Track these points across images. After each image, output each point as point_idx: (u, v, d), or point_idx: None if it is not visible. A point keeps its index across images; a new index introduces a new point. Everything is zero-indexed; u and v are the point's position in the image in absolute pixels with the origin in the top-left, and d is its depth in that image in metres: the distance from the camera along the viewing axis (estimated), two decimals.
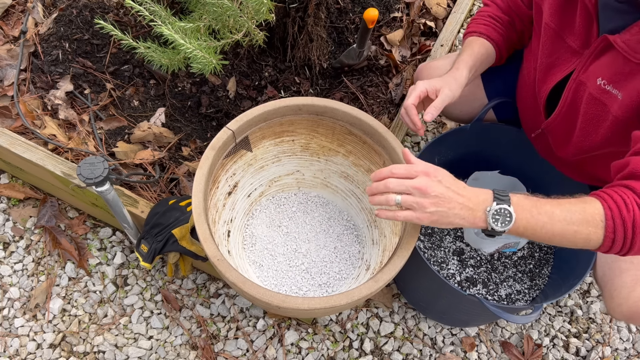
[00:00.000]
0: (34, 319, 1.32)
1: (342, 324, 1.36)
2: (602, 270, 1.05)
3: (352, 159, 1.23)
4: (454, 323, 1.35)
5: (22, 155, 1.29)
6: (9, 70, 1.48)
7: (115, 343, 1.30)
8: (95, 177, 0.97)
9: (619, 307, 0.99)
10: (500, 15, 1.15)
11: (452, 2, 1.84)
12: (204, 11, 1.20)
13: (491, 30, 1.14)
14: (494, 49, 1.14)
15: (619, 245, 0.77)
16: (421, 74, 1.34)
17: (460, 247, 1.31)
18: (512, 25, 1.15)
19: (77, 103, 1.46)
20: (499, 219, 0.77)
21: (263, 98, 1.47)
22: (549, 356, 1.38)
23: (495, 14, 1.15)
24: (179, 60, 1.23)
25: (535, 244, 1.34)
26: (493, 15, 1.15)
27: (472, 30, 1.16)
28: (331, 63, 1.55)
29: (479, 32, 1.14)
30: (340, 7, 1.64)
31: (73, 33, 1.51)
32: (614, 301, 1.00)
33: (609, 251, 0.80)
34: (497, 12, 1.15)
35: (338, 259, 1.24)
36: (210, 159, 1.02)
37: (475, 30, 1.15)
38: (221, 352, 1.30)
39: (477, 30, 1.15)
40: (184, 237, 1.17)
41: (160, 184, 1.34)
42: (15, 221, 1.45)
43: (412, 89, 1.02)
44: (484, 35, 1.13)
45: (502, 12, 1.15)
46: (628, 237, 0.76)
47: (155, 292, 1.37)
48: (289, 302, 0.86)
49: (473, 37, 1.15)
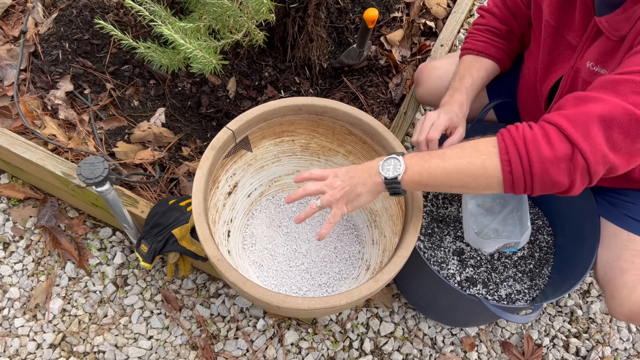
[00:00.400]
0: (34, 319, 1.32)
1: (342, 324, 1.36)
2: (603, 270, 1.05)
3: (352, 159, 1.23)
4: (454, 323, 1.35)
5: (22, 155, 1.29)
6: (9, 70, 1.48)
7: (115, 343, 1.30)
8: (95, 177, 0.97)
9: (620, 308, 0.98)
10: (497, 26, 1.14)
11: (452, 2, 1.84)
12: (204, 11, 1.20)
13: (490, 47, 1.14)
14: (495, 64, 1.14)
15: (518, 169, 0.74)
16: (421, 74, 1.35)
17: (460, 247, 1.31)
18: (511, 34, 1.14)
19: (77, 103, 1.46)
20: (389, 168, 0.84)
21: (263, 98, 1.47)
22: (549, 356, 1.38)
23: (492, 26, 1.14)
24: (179, 60, 1.23)
25: (535, 243, 1.34)
26: (490, 28, 1.15)
27: (470, 47, 1.16)
28: (331, 63, 1.55)
29: (477, 51, 1.14)
30: (340, 7, 1.64)
31: (73, 33, 1.51)
32: (615, 301, 1.00)
33: (514, 184, 0.76)
34: (494, 23, 1.15)
35: (338, 259, 1.24)
36: (210, 159, 1.01)
37: (474, 48, 1.15)
38: (221, 352, 1.30)
39: (476, 49, 1.14)
40: (184, 237, 1.17)
41: (160, 184, 1.34)
42: (15, 221, 1.45)
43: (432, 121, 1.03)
44: (482, 54, 1.13)
45: (499, 21, 1.14)
46: (523, 155, 0.73)
47: (155, 292, 1.37)
48: (289, 302, 0.86)
49: (471, 57, 1.14)
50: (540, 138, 0.73)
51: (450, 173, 0.79)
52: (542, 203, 1.39)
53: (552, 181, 0.74)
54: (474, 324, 1.34)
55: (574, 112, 0.73)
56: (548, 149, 0.72)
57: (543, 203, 1.39)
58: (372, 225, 1.25)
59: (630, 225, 1.04)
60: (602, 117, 0.71)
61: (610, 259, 1.04)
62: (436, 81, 1.29)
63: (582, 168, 0.72)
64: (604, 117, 0.71)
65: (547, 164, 0.72)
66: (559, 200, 1.30)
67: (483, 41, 1.14)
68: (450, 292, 1.12)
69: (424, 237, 1.31)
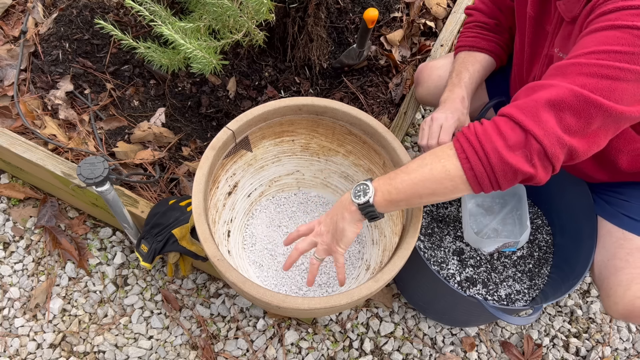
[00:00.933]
0: (34, 319, 1.32)
1: (342, 324, 1.36)
2: (599, 269, 1.05)
3: (352, 159, 1.23)
4: (454, 323, 1.36)
5: (22, 155, 1.29)
6: (9, 70, 1.48)
7: (116, 343, 1.30)
8: (95, 177, 0.97)
9: (615, 306, 0.99)
10: (485, 20, 1.15)
11: (452, 2, 1.84)
12: (204, 11, 1.20)
13: (480, 40, 1.15)
14: (490, 57, 1.15)
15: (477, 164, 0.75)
16: (422, 73, 1.35)
17: (460, 247, 1.31)
18: (499, 26, 1.16)
19: (77, 103, 1.46)
20: (359, 195, 0.86)
21: (263, 98, 1.47)
22: (549, 356, 1.38)
23: (480, 21, 1.16)
24: (179, 60, 1.23)
25: (534, 243, 1.34)
26: (479, 24, 1.16)
27: (462, 44, 1.17)
28: (331, 63, 1.55)
29: (469, 46, 1.15)
30: (340, 7, 1.64)
31: (73, 33, 1.51)
32: (610, 300, 1.00)
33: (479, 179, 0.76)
34: (482, 18, 1.16)
35: None
36: (210, 159, 1.02)
37: (465, 44, 1.16)
38: (221, 352, 1.30)
39: (467, 44, 1.16)
40: (184, 237, 1.17)
41: (160, 184, 1.34)
42: (15, 221, 1.45)
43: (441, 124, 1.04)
44: (475, 48, 1.15)
45: (487, 16, 1.16)
46: (478, 149, 0.75)
47: (155, 292, 1.37)
48: (289, 302, 0.86)
49: (464, 53, 1.16)
50: (491, 130, 0.75)
51: (417, 184, 0.81)
52: (541, 202, 1.39)
53: (513, 170, 0.74)
54: (473, 324, 1.35)
55: (524, 101, 0.75)
56: (500, 139, 0.74)
57: (542, 202, 1.39)
58: (372, 225, 1.25)
59: (625, 224, 1.04)
60: (550, 101, 0.72)
61: (605, 258, 1.04)
62: (437, 81, 1.29)
63: (538, 152, 0.73)
64: (552, 101, 0.72)
65: (502, 152, 0.74)
66: (559, 200, 1.30)
67: (473, 36, 1.16)
68: (450, 293, 1.12)
69: (424, 237, 1.31)
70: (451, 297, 1.15)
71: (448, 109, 1.07)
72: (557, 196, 1.30)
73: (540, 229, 1.37)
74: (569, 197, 1.25)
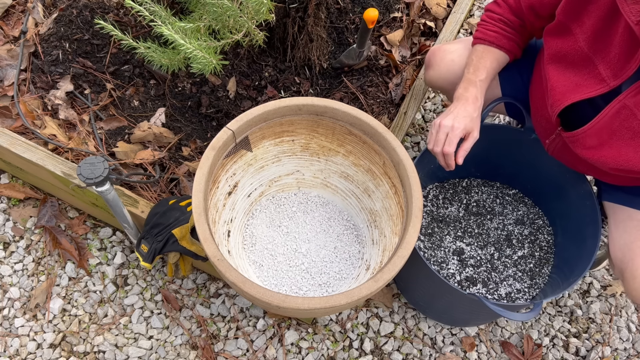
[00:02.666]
0: (34, 318, 1.33)
1: (342, 324, 1.36)
2: (622, 252, 1.04)
3: (352, 159, 1.23)
4: (454, 323, 1.36)
5: (22, 155, 1.29)
6: (9, 70, 1.48)
7: (116, 343, 1.30)
8: (96, 177, 0.97)
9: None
10: (511, 18, 1.12)
11: (452, 2, 1.84)
12: (204, 11, 1.20)
13: (502, 38, 1.12)
14: (506, 55, 1.13)
15: None
16: (434, 56, 1.30)
17: (460, 247, 1.31)
18: (523, 27, 1.12)
19: (77, 103, 1.46)
20: None
21: (263, 98, 1.47)
22: (548, 356, 1.38)
23: (505, 17, 1.12)
24: (179, 60, 1.23)
25: (535, 243, 1.34)
26: (504, 19, 1.12)
27: (483, 37, 1.14)
28: (331, 63, 1.55)
29: (489, 42, 1.13)
30: (340, 7, 1.65)
31: (73, 33, 1.51)
32: (636, 281, 0.98)
33: None
34: (508, 15, 1.12)
35: (338, 259, 1.24)
36: (210, 159, 1.02)
37: (486, 38, 1.13)
38: (221, 352, 1.30)
39: (488, 40, 1.13)
40: (184, 237, 1.17)
41: (160, 184, 1.34)
42: (15, 221, 1.45)
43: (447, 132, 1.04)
44: (495, 45, 1.12)
45: (514, 14, 1.12)
46: None
47: (155, 292, 1.37)
48: (289, 302, 0.86)
49: (483, 47, 1.13)
50: None
51: None
52: (542, 202, 1.39)
53: None
54: (473, 323, 1.35)
55: None
56: None
57: (543, 202, 1.39)
58: (372, 225, 1.25)
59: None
60: None
61: (628, 241, 1.03)
62: (449, 64, 1.26)
63: None
64: None
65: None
66: (560, 200, 1.30)
67: (496, 31, 1.13)
68: (450, 292, 1.12)
69: (424, 237, 1.31)
70: (451, 296, 1.15)
71: (458, 114, 1.05)
72: (559, 197, 1.30)
73: (542, 229, 1.37)
74: (571, 198, 1.25)
